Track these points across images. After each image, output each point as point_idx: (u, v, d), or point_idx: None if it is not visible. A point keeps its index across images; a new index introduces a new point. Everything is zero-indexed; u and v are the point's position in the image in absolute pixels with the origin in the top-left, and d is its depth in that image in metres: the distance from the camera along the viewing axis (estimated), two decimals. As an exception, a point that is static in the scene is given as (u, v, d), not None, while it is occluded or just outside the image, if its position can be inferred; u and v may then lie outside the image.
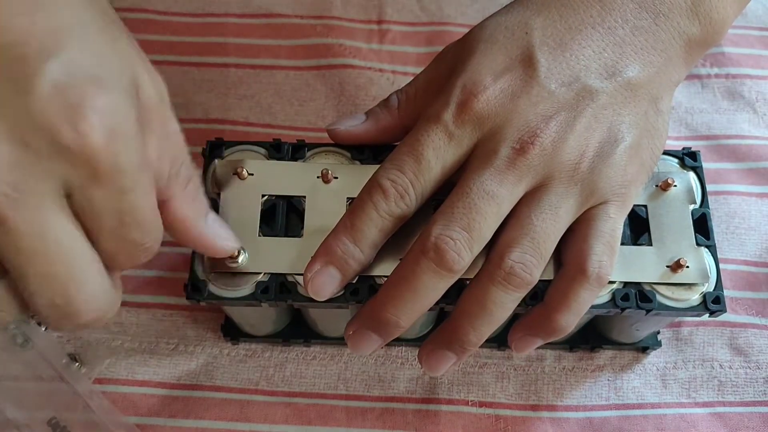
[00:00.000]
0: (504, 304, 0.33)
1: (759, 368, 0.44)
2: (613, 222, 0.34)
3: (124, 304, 0.45)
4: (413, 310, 0.33)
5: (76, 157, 0.24)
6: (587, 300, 0.34)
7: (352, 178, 0.37)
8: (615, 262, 0.34)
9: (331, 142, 0.38)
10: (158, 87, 0.29)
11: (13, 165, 0.24)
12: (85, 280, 0.27)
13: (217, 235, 0.33)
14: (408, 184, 0.33)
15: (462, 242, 0.32)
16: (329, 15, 0.55)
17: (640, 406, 0.43)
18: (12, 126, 0.23)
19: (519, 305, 0.34)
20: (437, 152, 0.33)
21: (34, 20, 0.23)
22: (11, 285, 0.27)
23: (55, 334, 0.44)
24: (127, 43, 0.28)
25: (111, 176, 0.25)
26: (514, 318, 0.42)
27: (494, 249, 0.33)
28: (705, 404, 0.43)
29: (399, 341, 0.44)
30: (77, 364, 0.43)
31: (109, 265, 0.28)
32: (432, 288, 0.33)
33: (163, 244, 0.47)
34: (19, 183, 0.24)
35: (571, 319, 0.34)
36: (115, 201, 0.26)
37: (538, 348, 0.44)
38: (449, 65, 0.36)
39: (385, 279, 0.35)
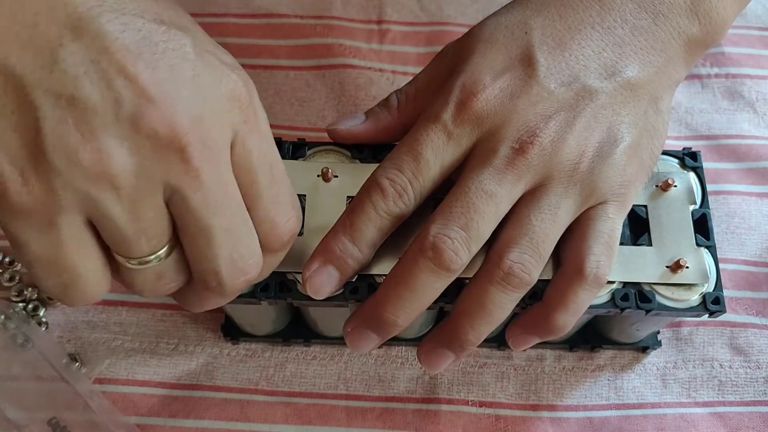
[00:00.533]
0: (503, 304, 0.33)
1: (759, 368, 0.44)
2: (612, 222, 0.34)
3: (124, 304, 0.45)
4: (411, 309, 0.33)
5: (234, 102, 0.26)
6: (585, 300, 0.34)
7: (352, 176, 0.37)
8: (614, 263, 0.34)
9: (332, 141, 0.38)
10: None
11: (198, 118, 0.25)
12: (251, 234, 0.29)
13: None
14: (407, 184, 0.33)
15: (460, 241, 0.32)
16: (329, 15, 0.55)
17: (640, 406, 0.43)
18: (131, 127, 0.24)
19: (518, 304, 0.34)
20: (436, 152, 0.33)
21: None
22: (181, 255, 0.28)
23: (54, 334, 0.44)
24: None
25: (258, 120, 0.28)
26: (514, 316, 0.42)
27: (493, 249, 0.33)
28: (705, 404, 0.43)
29: (399, 341, 0.44)
30: (77, 364, 0.43)
31: (267, 237, 0.30)
32: (430, 287, 0.33)
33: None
34: (207, 134, 0.25)
35: (569, 319, 0.34)
36: (265, 149, 0.28)
37: (538, 348, 0.44)
38: (449, 65, 0.36)
39: (384, 278, 0.35)
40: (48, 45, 0.23)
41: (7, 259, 0.46)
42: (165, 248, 0.27)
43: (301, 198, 0.37)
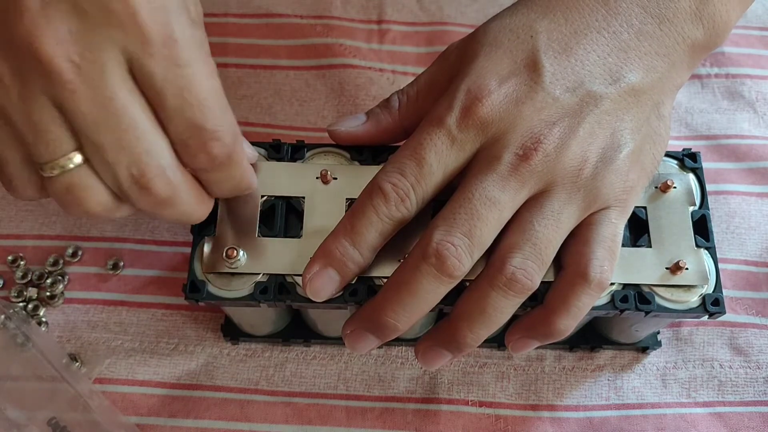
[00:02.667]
0: (503, 308, 0.33)
1: (759, 368, 0.44)
2: (615, 227, 0.34)
3: (124, 304, 0.45)
4: (412, 313, 0.33)
5: (126, 23, 0.27)
6: (587, 304, 0.34)
7: (352, 178, 0.37)
8: (615, 267, 0.34)
9: (331, 142, 0.38)
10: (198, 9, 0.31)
11: (76, 34, 0.27)
12: (156, 151, 0.29)
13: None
14: (409, 188, 0.33)
15: (463, 248, 0.32)
16: (329, 15, 0.55)
17: (640, 406, 0.43)
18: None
19: (518, 307, 0.34)
20: (439, 156, 0.33)
21: None
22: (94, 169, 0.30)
23: (54, 334, 0.44)
24: None
25: (163, 45, 0.28)
26: (514, 317, 0.42)
27: (495, 254, 0.33)
28: (705, 404, 0.43)
29: (399, 341, 0.44)
30: (77, 363, 0.43)
31: (186, 159, 0.30)
32: (431, 292, 0.33)
33: (164, 244, 0.47)
34: (83, 51, 0.27)
35: (570, 323, 0.34)
36: (172, 74, 0.28)
37: (538, 348, 0.44)
38: (452, 67, 0.36)
39: (385, 280, 0.35)
40: None
41: (10, 258, 0.46)
42: (75, 156, 0.29)
43: (300, 200, 0.37)
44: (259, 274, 0.35)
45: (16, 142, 0.29)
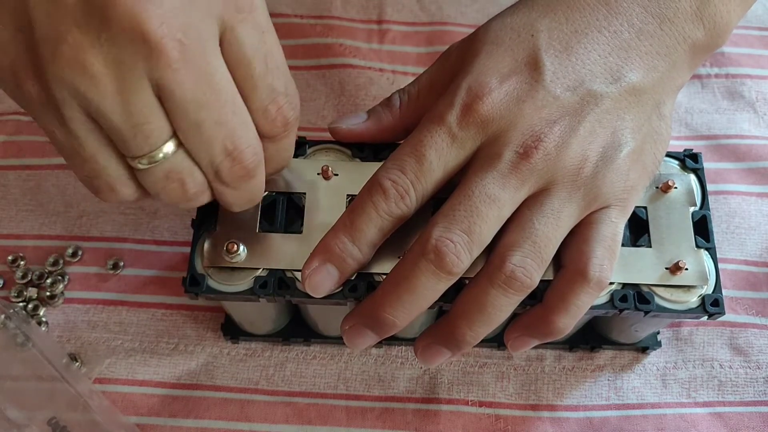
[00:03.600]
0: (502, 306, 0.33)
1: (759, 368, 0.44)
2: (615, 226, 0.34)
3: (124, 303, 0.45)
4: (410, 310, 0.33)
5: None
6: (586, 303, 0.34)
7: (353, 175, 0.37)
8: (615, 266, 0.34)
9: (332, 139, 0.38)
10: None
11: (178, 9, 0.26)
12: (245, 124, 0.30)
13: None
14: (409, 185, 0.33)
15: (462, 245, 0.32)
16: (329, 15, 0.55)
17: (640, 406, 0.43)
18: None
19: (517, 305, 0.34)
20: (440, 153, 0.33)
21: None
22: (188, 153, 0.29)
23: (54, 334, 0.44)
24: None
25: (251, 11, 0.28)
26: (513, 316, 0.42)
27: (495, 251, 0.33)
28: (705, 404, 0.43)
29: (399, 340, 0.44)
30: (77, 363, 0.43)
31: (264, 125, 0.31)
32: (430, 289, 0.33)
33: (164, 243, 0.47)
34: (186, 26, 0.26)
35: (568, 322, 0.34)
36: (259, 40, 0.29)
37: (538, 348, 0.44)
38: (453, 66, 0.36)
39: (384, 276, 0.35)
40: None
41: (10, 258, 0.46)
42: (167, 144, 0.28)
43: (301, 196, 0.37)
44: (259, 268, 0.35)
45: (109, 143, 0.28)
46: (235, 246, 0.35)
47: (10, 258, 0.46)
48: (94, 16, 0.25)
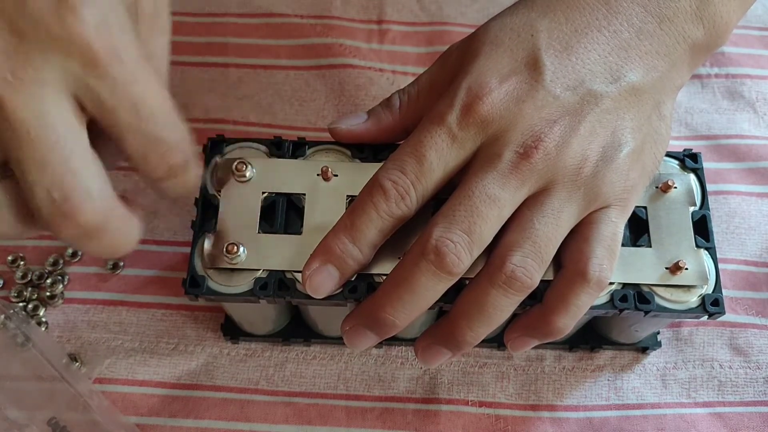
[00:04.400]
0: (503, 306, 0.33)
1: (759, 368, 0.44)
2: (615, 226, 0.34)
3: (124, 304, 0.45)
4: (411, 310, 0.33)
5: (69, 46, 0.25)
6: (586, 303, 0.34)
7: (352, 175, 0.37)
8: (615, 266, 0.34)
9: (332, 140, 0.38)
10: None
11: (11, 52, 0.25)
12: (83, 174, 0.27)
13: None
14: (409, 186, 0.33)
15: (462, 245, 0.32)
16: (329, 15, 0.55)
17: (640, 406, 0.43)
18: (9, 19, 0.25)
19: (518, 305, 0.34)
20: (440, 154, 0.33)
21: None
22: (12, 189, 0.27)
23: (54, 334, 0.44)
24: None
25: (109, 65, 0.26)
26: (514, 317, 0.42)
27: (495, 252, 0.33)
28: (705, 404, 0.43)
29: (399, 341, 0.44)
30: (77, 364, 0.43)
31: (145, 171, 0.29)
32: (430, 289, 0.33)
33: (164, 243, 0.47)
34: (17, 69, 0.25)
35: (568, 322, 0.34)
36: (122, 91, 0.27)
37: (538, 348, 0.44)
38: (453, 66, 0.36)
39: (384, 277, 0.35)
40: None
41: (10, 258, 0.46)
42: None
43: (301, 196, 0.37)
44: (259, 270, 0.35)
45: None
46: (235, 247, 0.35)
47: (9, 258, 0.46)
48: None
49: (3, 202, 0.28)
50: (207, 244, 0.36)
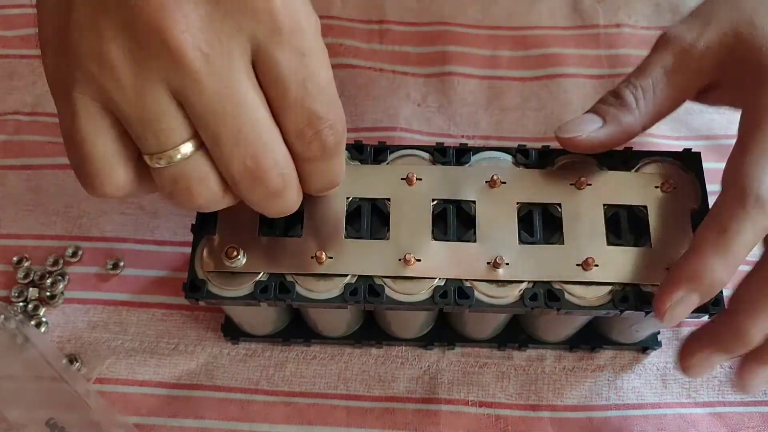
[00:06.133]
0: None
1: (759, 368, 0.44)
2: None
3: (124, 304, 0.45)
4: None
5: (259, 12, 0.26)
6: None
7: (353, 176, 0.37)
8: (615, 267, 0.34)
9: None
10: None
11: (207, 21, 0.26)
12: (270, 144, 0.28)
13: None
14: None
15: None
16: (329, 14, 0.55)
17: (640, 406, 0.43)
18: None
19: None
20: None
21: None
22: (209, 158, 0.28)
23: (54, 334, 0.44)
24: None
25: (292, 33, 0.27)
26: (514, 317, 0.42)
27: None
28: (705, 404, 0.43)
29: (399, 341, 0.44)
30: (77, 364, 0.43)
31: (299, 148, 0.29)
32: None
33: (164, 244, 0.47)
34: (212, 39, 0.26)
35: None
36: (298, 63, 0.28)
37: (538, 348, 0.44)
38: (706, 71, 0.35)
39: (386, 279, 0.35)
40: None
41: (15, 259, 0.46)
42: (185, 145, 0.27)
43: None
44: (259, 273, 0.35)
45: (113, 134, 0.28)
46: (235, 251, 0.35)
47: (15, 258, 0.46)
48: (123, 11, 0.25)
49: (209, 170, 0.28)
50: (207, 248, 0.36)
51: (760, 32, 0.34)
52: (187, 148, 0.28)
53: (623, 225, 0.37)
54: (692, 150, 0.39)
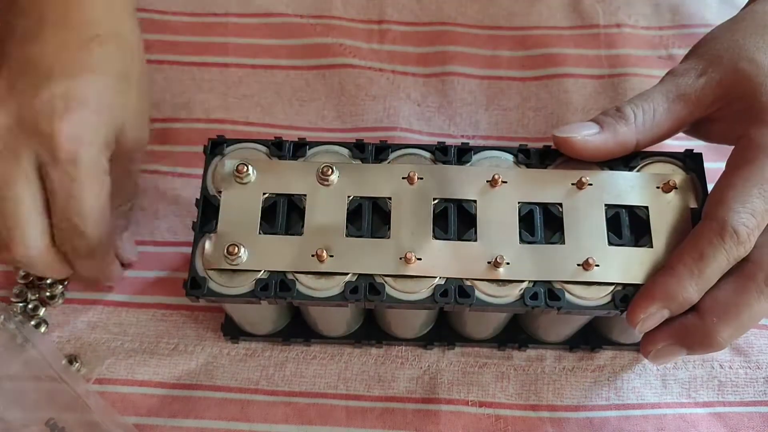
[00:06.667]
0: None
1: (759, 368, 0.44)
2: None
3: (124, 304, 0.45)
4: (741, 334, 0.35)
5: (46, 137, 0.37)
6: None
7: (353, 176, 0.37)
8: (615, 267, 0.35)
9: (333, 140, 0.38)
10: (141, 134, 0.42)
11: (8, 129, 0.37)
12: (27, 225, 0.37)
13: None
14: (755, 229, 0.33)
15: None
16: (329, 15, 0.55)
17: (640, 406, 0.43)
18: (18, 108, 0.37)
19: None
20: None
21: (59, 52, 0.37)
22: None
23: (54, 334, 0.44)
24: (139, 90, 0.41)
25: (66, 162, 0.37)
26: (514, 317, 0.42)
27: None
28: (705, 404, 0.43)
29: (399, 341, 0.44)
30: (77, 364, 0.43)
31: (58, 241, 0.39)
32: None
33: (164, 244, 0.47)
34: (8, 141, 0.37)
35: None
36: (66, 184, 0.37)
37: (538, 348, 0.44)
38: (704, 104, 0.36)
39: (386, 278, 0.35)
40: None
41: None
42: None
43: (302, 197, 0.37)
44: (260, 271, 0.35)
45: None
46: (236, 248, 0.35)
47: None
48: None
49: None
50: (208, 245, 0.36)
51: (762, 71, 0.35)
52: None
53: (624, 225, 0.37)
54: (694, 151, 0.39)
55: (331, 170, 0.36)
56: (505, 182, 0.37)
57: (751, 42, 0.36)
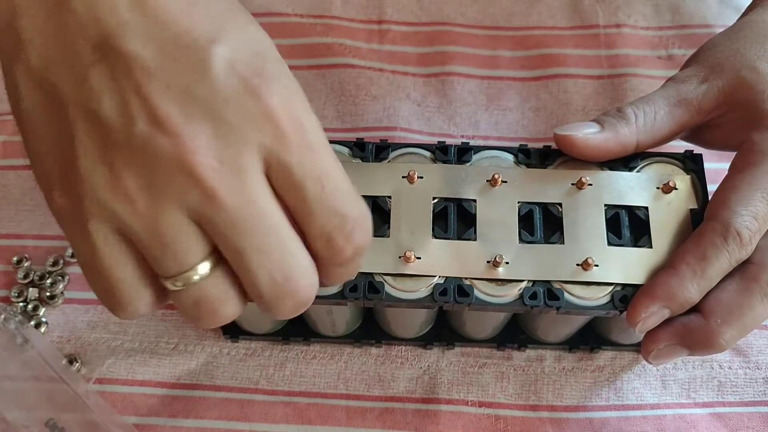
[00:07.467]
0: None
1: (759, 368, 0.44)
2: None
3: (124, 304, 0.45)
4: (743, 335, 0.35)
5: (259, 119, 0.26)
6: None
7: (353, 175, 0.36)
8: (615, 267, 0.35)
9: (333, 140, 0.38)
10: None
11: (213, 139, 0.25)
12: (297, 254, 0.27)
13: None
14: (757, 232, 0.34)
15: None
16: (329, 14, 0.55)
17: (639, 407, 0.43)
18: (203, 103, 0.25)
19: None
20: None
21: (192, 14, 0.26)
22: (229, 272, 0.27)
23: (54, 334, 0.44)
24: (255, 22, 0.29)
25: (295, 134, 0.26)
26: (513, 317, 0.42)
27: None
28: (705, 404, 0.43)
29: (399, 341, 0.44)
30: (77, 364, 0.43)
31: (329, 254, 0.28)
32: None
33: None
34: (221, 156, 0.25)
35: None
36: (308, 162, 0.26)
37: (538, 348, 0.44)
38: (702, 99, 0.36)
39: (386, 277, 0.35)
40: (80, 62, 0.25)
41: (15, 259, 0.46)
42: (202, 266, 0.26)
43: None
44: None
45: (133, 258, 0.27)
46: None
47: (15, 259, 0.46)
48: (136, 139, 0.25)
49: (228, 288, 0.27)
50: None
51: (763, 79, 0.36)
52: (204, 268, 0.26)
53: (624, 225, 0.37)
54: (693, 151, 0.39)
55: None
56: (505, 182, 0.37)
57: (752, 51, 0.37)
